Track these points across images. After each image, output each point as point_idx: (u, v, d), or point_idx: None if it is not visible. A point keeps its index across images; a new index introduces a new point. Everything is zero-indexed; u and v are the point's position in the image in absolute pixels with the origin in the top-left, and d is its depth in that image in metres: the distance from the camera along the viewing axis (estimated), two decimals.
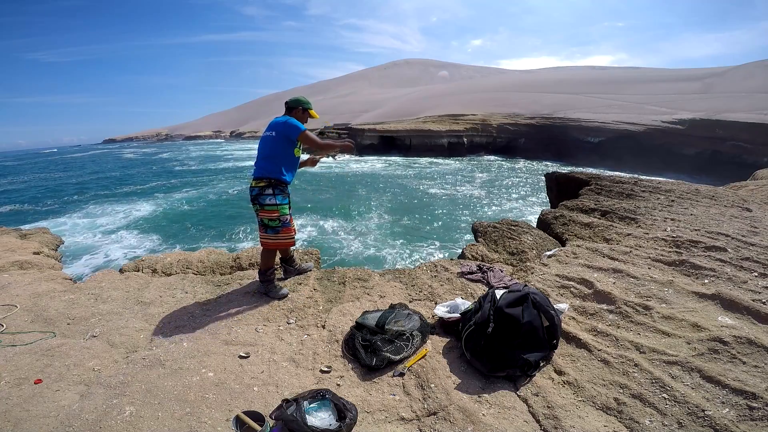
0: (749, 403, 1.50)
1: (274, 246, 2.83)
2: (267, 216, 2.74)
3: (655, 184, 5.03)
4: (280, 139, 2.76)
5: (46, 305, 2.71)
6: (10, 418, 1.63)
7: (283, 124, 2.74)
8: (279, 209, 2.74)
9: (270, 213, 2.73)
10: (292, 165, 2.85)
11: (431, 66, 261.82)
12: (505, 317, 1.90)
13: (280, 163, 2.76)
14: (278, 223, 2.76)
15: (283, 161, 2.77)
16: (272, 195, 2.72)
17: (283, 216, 2.77)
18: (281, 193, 2.76)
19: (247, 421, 1.47)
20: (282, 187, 2.78)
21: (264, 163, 2.77)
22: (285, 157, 2.78)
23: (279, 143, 2.76)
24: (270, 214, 2.74)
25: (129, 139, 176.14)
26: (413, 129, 37.01)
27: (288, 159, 2.81)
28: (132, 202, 18.15)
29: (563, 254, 3.17)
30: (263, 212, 2.74)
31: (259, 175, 2.76)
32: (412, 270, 3.23)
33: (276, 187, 2.74)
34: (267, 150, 2.78)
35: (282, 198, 2.76)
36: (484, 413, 1.65)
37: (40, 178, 32.75)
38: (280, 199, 2.75)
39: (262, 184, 2.73)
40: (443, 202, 15.98)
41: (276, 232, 2.77)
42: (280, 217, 2.75)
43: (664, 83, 49.23)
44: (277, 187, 2.74)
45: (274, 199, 2.72)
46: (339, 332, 2.31)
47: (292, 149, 2.80)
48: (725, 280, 2.46)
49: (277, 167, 2.75)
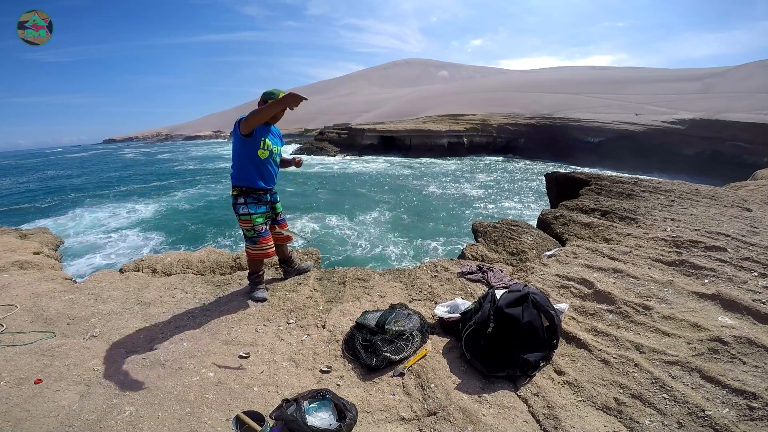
0: (749, 403, 1.50)
1: (256, 257, 2.72)
2: (242, 226, 2.67)
3: (655, 184, 5.03)
4: (236, 141, 2.60)
5: (46, 305, 2.71)
6: (10, 418, 1.63)
7: (234, 125, 2.57)
8: (252, 219, 2.62)
9: (245, 223, 2.65)
10: (260, 168, 2.62)
11: (431, 66, 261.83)
12: (505, 317, 1.90)
13: (245, 169, 2.60)
14: (254, 234, 2.65)
15: (248, 165, 2.59)
16: (244, 204, 2.61)
17: (258, 226, 2.65)
18: (255, 201, 2.63)
19: (247, 421, 1.47)
20: (256, 195, 2.64)
21: (233, 170, 2.67)
22: (248, 159, 2.58)
23: (236, 146, 2.61)
24: (245, 224, 2.65)
25: (129, 139, 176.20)
26: (413, 129, 37.01)
27: (252, 162, 2.58)
28: (132, 202, 18.15)
29: (563, 254, 3.17)
30: (239, 222, 2.68)
31: (232, 184, 2.67)
32: (412, 270, 3.22)
33: (248, 196, 2.62)
34: (232, 156, 2.68)
35: (255, 207, 2.63)
36: (484, 413, 1.65)
37: (40, 178, 32.76)
38: (253, 208, 2.62)
39: (235, 193, 2.65)
40: (443, 202, 15.98)
41: (254, 242, 2.67)
42: (255, 227, 2.64)
43: (664, 83, 49.24)
44: (249, 196, 2.62)
45: (246, 208, 2.60)
46: (339, 332, 2.31)
47: (252, 149, 2.55)
48: (725, 280, 2.46)
49: (243, 173, 2.60)
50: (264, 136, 2.58)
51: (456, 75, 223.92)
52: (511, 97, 49.85)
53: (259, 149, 2.56)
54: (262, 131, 2.58)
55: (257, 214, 2.64)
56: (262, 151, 2.57)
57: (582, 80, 61.64)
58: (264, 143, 2.57)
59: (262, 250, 2.68)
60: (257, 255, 2.70)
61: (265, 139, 2.58)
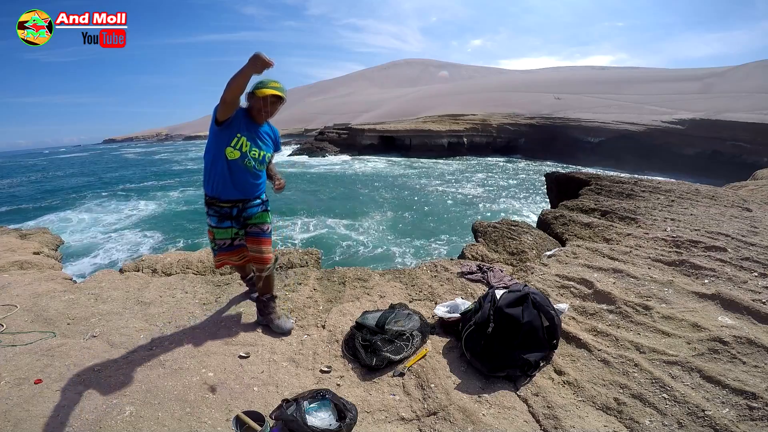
0: (749, 403, 1.50)
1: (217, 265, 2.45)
2: (209, 236, 2.37)
3: (655, 184, 5.03)
4: (209, 133, 2.16)
5: (46, 305, 2.70)
6: (10, 418, 1.63)
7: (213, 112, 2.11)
8: (213, 232, 2.30)
9: (209, 234, 2.35)
10: (225, 173, 2.12)
11: (431, 66, 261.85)
12: (505, 317, 1.90)
13: (207, 170, 2.20)
14: (214, 246, 2.36)
15: (212, 166, 2.15)
16: (207, 213, 2.29)
17: (219, 240, 2.31)
18: (216, 214, 2.24)
19: (247, 421, 1.47)
20: (216, 207, 2.23)
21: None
22: (214, 159, 2.12)
23: (208, 139, 2.18)
24: (210, 235, 2.35)
25: (129, 139, 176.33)
26: (413, 129, 37.03)
27: (219, 162, 2.11)
28: (132, 201, 18.17)
29: (563, 254, 3.16)
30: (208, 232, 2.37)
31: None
32: (412, 270, 3.22)
33: (210, 207, 2.25)
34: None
35: (217, 220, 2.24)
36: (484, 413, 1.65)
37: (39, 178, 32.74)
38: (215, 221, 2.26)
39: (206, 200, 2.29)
40: (443, 202, 15.98)
41: (214, 254, 2.40)
42: (216, 240, 2.32)
43: (664, 83, 49.27)
44: (211, 207, 2.25)
45: (209, 219, 2.29)
46: (339, 332, 2.31)
47: (222, 145, 2.08)
48: (725, 280, 2.46)
49: (205, 175, 2.22)
50: (241, 132, 2.10)
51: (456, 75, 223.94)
52: (511, 97, 49.87)
53: (228, 146, 2.07)
54: (243, 126, 2.11)
55: (220, 228, 2.27)
56: (231, 150, 2.07)
57: (582, 80, 61.69)
58: (238, 141, 2.08)
59: (217, 261, 2.42)
60: (217, 265, 2.45)
61: (241, 136, 2.09)
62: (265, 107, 2.07)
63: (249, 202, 2.26)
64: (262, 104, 2.05)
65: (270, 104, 2.08)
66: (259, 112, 2.09)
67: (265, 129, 2.24)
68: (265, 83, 2.04)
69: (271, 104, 2.08)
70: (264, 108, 2.07)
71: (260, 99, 2.04)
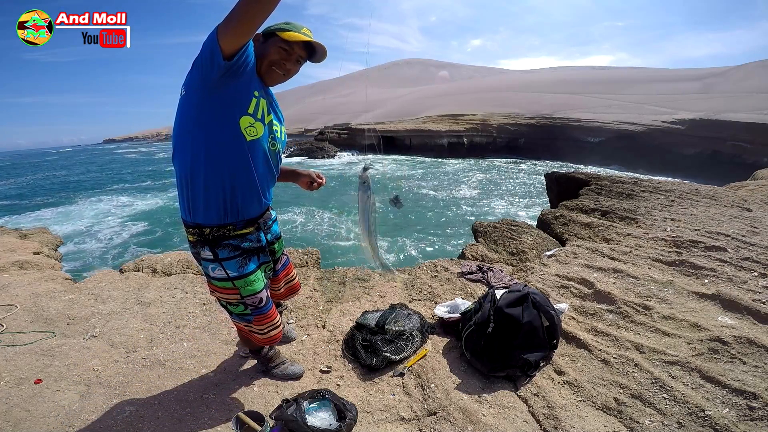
0: (749, 403, 1.50)
1: (257, 341, 1.63)
2: (219, 296, 1.51)
3: (655, 184, 5.03)
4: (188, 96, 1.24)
5: (46, 305, 2.71)
6: (10, 418, 1.63)
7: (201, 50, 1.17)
8: (238, 286, 1.43)
9: (223, 292, 1.47)
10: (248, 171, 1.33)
11: (431, 66, 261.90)
12: (505, 317, 1.90)
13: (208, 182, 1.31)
14: (241, 310, 1.51)
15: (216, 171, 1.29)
16: (213, 260, 1.40)
17: (249, 296, 1.46)
18: (237, 253, 1.42)
19: (247, 421, 1.47)
20: (235, 240, 1.41)
21: (177, 173, 1.35)
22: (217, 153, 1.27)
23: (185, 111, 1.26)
24: (224, 294, 1.47)
25: (129, 138, 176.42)
26: (413, 129, 37.02)
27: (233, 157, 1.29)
28: (132, 201, 18.16)
29: (563, 254, 3.16)
30: (211, 287, 1.51)
31: (181, 215, 1.43)
32: (412, 270, 3.22)
33: (219, 241, 1.38)
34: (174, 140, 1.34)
35: (242, 263, 1.42)
36: (484, 413, 1.65)
37: (39, 178, 32.76)
38: (236, 266, 1.41)
39: (191, 238, 1.42)
40: (443, 202, 15.98)
41: (248, 321, 1.53)
42: (244, 298, 1.46)
43: (664, 83, 49.27)
44: (221, 241, 1.38)
45: (222, 269, 1.40)
46: (339, 332, 2.31)
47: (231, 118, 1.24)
48: (725, 280, 2.46)
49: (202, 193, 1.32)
50: (258, 91, 1.30)
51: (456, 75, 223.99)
52: (511, 97, 49.83)
53: (245, 114, 1.25)
54: (257, 82, 1.31)
55: (244, 275, 1.43)
56: (251, 122, 1.27)
57: (582, 80, 61.64)
58: (258, 105, 1.29)
59: (263, 334, 1.56)
60: (259, 340, 1.61)
61: (260, 96, 1.30)
62: (290, 58, 1.35)
63: (266, 214, 1.54)
64: (286, 55, 1.33)
65: (296, 59, 1.36)
66: (281, 66, 1.34)
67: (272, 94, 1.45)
68: (296, 26, 1.34)
69: (296, 61, 1.37)
70: (289, 59, 1.34)
71: (286, 45, 1.32)
